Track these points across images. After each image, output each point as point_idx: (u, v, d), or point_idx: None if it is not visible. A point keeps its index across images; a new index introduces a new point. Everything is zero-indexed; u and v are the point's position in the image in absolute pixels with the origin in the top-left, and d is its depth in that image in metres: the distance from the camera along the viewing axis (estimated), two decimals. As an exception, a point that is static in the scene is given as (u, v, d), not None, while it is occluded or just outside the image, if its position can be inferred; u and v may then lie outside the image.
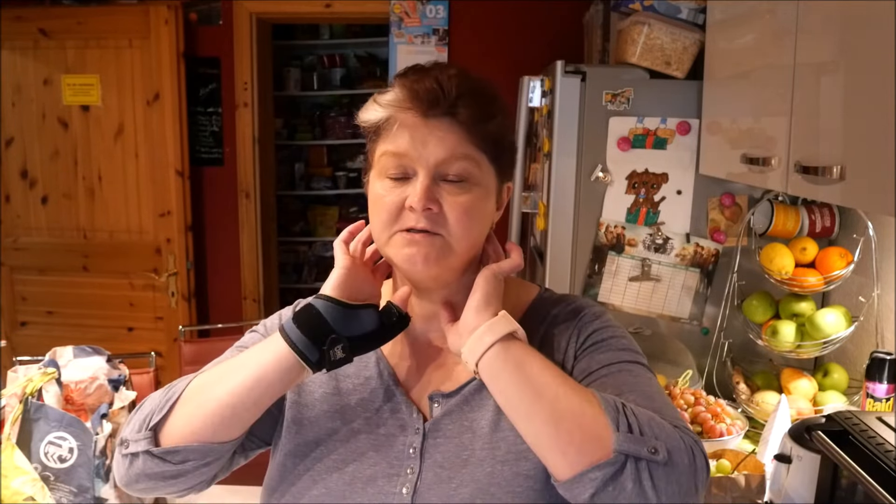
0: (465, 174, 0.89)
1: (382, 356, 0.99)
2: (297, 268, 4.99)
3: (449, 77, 0.89)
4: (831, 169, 1.17)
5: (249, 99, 3.43)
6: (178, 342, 2.70)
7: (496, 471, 0.87)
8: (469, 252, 0.92)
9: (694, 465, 0.79)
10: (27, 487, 1.45)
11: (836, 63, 1.23)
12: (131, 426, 0.91)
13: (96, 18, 3.23)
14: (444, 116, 0.88)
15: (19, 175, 3.39)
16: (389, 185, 0.89)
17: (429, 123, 0.88)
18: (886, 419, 1.19)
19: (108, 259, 3.39)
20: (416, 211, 0.87)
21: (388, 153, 0.89)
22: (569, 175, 2.04)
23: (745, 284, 1.98)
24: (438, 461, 0.89)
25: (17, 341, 3.35)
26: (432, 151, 0.87)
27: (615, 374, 0.89)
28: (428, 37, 3.30)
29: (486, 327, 0.86)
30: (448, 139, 0.88)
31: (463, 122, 0.88)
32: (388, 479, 0.89)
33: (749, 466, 1.50)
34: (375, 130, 0.92)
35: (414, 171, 0.88)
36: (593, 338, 0.94)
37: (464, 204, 0.88)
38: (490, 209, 0.94)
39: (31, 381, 1.57)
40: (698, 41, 1.94)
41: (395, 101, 0.89)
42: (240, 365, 0.90)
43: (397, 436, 0.92)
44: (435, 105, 0.87)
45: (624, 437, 0.77)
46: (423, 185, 0.87)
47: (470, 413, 0.91)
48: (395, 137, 0.89)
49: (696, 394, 1.79)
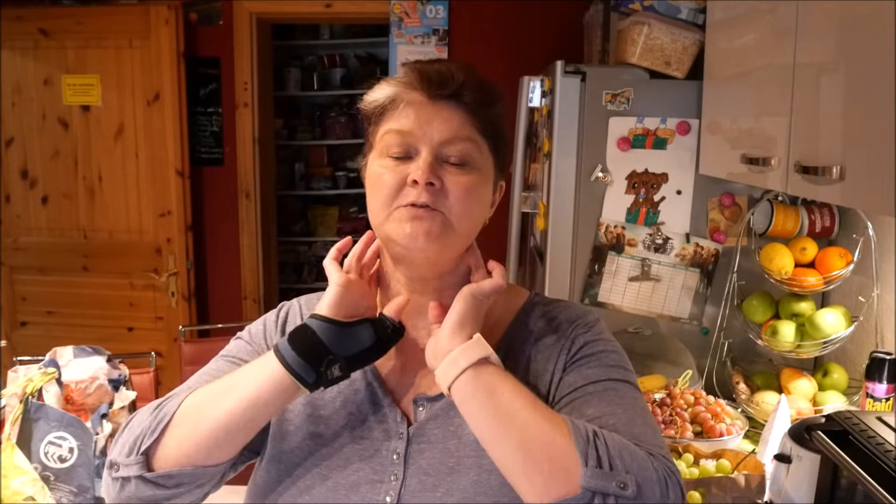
0: (466, 156, 0.90)
1: None
2: (297, 268, 4.99)
3: (456, 66, 0.92)
4: (831, 169, 1.17)
5: (249, 99, 3.43)
6: (178, 342, 2.70)
7: (482, 479, 0.86)
8: (467, 235, 0.92)
9: (666, 497, 0.77)
10: (27, 487, 1.45)
11: (836, 63, 1.23)
12: (120, 448, 0.88)
13: (96, 18, 3.23)
14: (449, 99, 0.90)
15: (19, 175, 3.39)
16: (391, 163, 0.90)
17: (435, 104, 0.90)
18: (886, 419, 1.19)
19: (108, 259, 3.39)
20: (418, 185, 0.87)
21: (393, 131, 0.90)
22: (569, 175, 2.04)
23: (745, 284, 1.98)
24: (423, 468, 0.88)
25: (17, 341, 3.35)
26: (437, 130, 0.89)
27: (600, 393, 0.88)
28: (428, 37, 3.30)
29: (460, 351, 0.85)
30: (453, 120, 0.89)
31: (467, 105, 0.90)
32: (371, 485, 0.88)
33: (749, 466, 1.50)
34: (381, 111, 0.92)
35: (416, 151, 0.89)
36: (584, 351, 0.93)
37: (465, 184, 0.89)
38: (487, 198, 0.95)
39: (31, 381, 1.57)
40: (698, 41, 1.94)
41: (403, 81, 0.91)
42: (233, 386, 0.88)
43: (381, 441, 0.91)
44: (442, 86, 0.89)
45: (592, 472, 0.75)
46: (426, 161, 0.88)
47: (456, 418, 0.89)
48: (401, 116, 0.90)
49: (696, 394, 1.79)
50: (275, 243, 3.93)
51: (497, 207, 1.00)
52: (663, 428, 1.66)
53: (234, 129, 3.45)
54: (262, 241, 3.58)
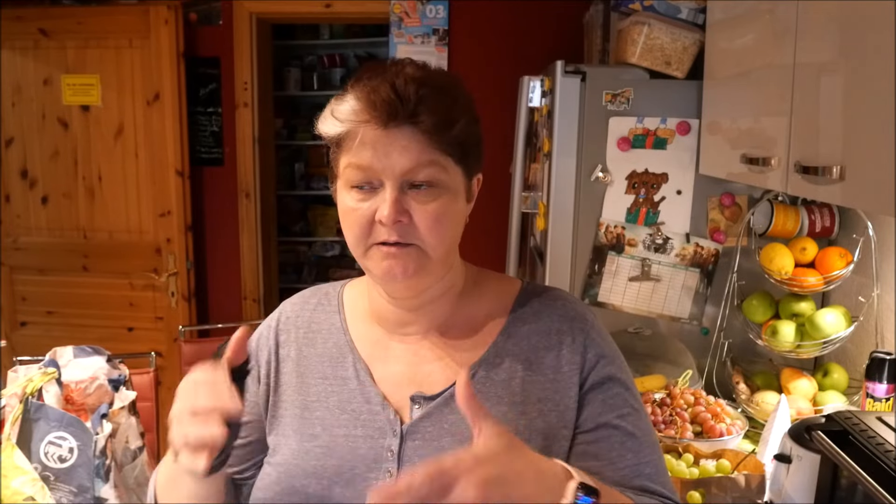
0: (432, 180, 0.87)
1: (359, 358, 0.97)
2: (297, 268, 5.00)
3: (406, 81, 0.86)
4: (831, 169, 1.17)
5: (249, 99, 3.43)
6: (178, 342, 2.70)
7: None
8: (445, 256, 0.92)
9: None
10: (27, 487, 1.45)
11: (836, 63, 1.23)
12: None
13: (96, 18, 3.23)
14: (405, 125, 0.85)
15: (19, 175, 3.39)
16: (357, 196, 0.88)
17: (390, 134, 0.85)
18: (886, 419, 1.19)
19: (108, 259, 3.39)
20: (386, 224, 0.86)
21: (353, 165, 0.88)
22: (569, 175, 2.04)
23: (745, 284, 1.98)
24: (417, 465, 0.88)
25: (17, 341, 3.35)
26: (396, 162, 0.85)
27: (629, 436, 0.91)
28: (428, 37, 3.30)
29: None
30: (411, 148, 0.85)
31: (426, 131, 0.85)
32: (366, 482, 0.89)
33: (749, 466, 1.50)
34: (337, 142, 0.90)
35: (380, 182, 0.86)
36: (602, 371, 0.93)
37: (433, 211, 0.87)
38: (460, 209, 0.93)
39: (31, 381, 1.57)
40: (698, 41, 1.94)
41: (352, 115, 0.87)
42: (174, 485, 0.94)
43: (376, 438, 0.91)
44: (394, 115, 0.84)
45: None
46: (390, 199, 0.85)
47: (450, 415, 0.90)
48: (358, 151, 0.86)
49: (696, 394, 1.79)
50: (275, 243, 3.93)
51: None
52: (663, 428, 1.66)
53: (234, 129, 3.45)
54: (262, 241, 3.58)
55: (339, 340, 1.00)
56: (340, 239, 5.02)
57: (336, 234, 4.98)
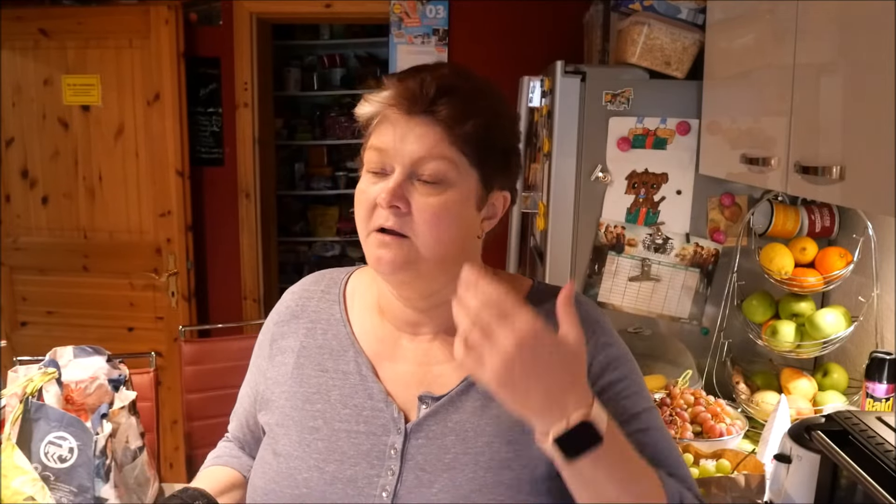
0: (439, 175, 0.87)
1: (360, 352, 0.97)
2: (297, 268, 4.99)
3: (434, 76, 0.89)
4: (831, 169, 1.17)
5: (249, 99, 3.43)
6: (179, 342, 2.70)
7: (478, 477, 0.86)
8: (443, 259, 0.89)
9: None
10: (27, 487, 1.45)
11: (836, 63, 1.23)
12: None
13: (96, 18, 3.23)
14: (424, 115, 0.87)
15: (19, 175, 3.39)
16: (370, 180, 0.90)
17: (410, 121, 0.88)
18: (886, 419, 1.19)
19: (108, 259, 3.39)
20: (382, 207, 0.87)
21: (373, 148, 0.90)
22: (569, 175, 2.04)
23: (745, 284, 1.98)
24: (420, 463, 0.88)
25: (17, 341, 3.35)
26: (410, 148, 0.87)
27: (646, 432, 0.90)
28: (428, 37, 3.30)
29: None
30: (427, 137, 0.87)
31: (442, 121, 0.87)
32: (368, 479, 0.89)
33: (749, 466, 1.50)
34: (367, 126, 0.93)
35: (392, 168, 0.88)
36: (614, 373, 0.92)
37: (434, 206, 0.87)
38: (467, 215, 0.91)
39: (31, 381, 1.57)
40: (698, 41, 1.94)
41: (382, 98, 0.90)
42: None
43: (379, 435, 0.91)
44: (416, 102, 0.87)
45: None
46: (395, 181, 0.87)
47: (455, 414, 0.90)
48: (380, 133, 0.90)
49: (696, 394, 1.79)
50: (275, 243, 3.93)
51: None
52: (663, 428, 1.66)
53: (234, 129, 3.45)
54: (262, 241, 3.58)
55: (338, 332, 1.00)
56: (340, 239, 5.02)
57: (336, 234, 4.98)
